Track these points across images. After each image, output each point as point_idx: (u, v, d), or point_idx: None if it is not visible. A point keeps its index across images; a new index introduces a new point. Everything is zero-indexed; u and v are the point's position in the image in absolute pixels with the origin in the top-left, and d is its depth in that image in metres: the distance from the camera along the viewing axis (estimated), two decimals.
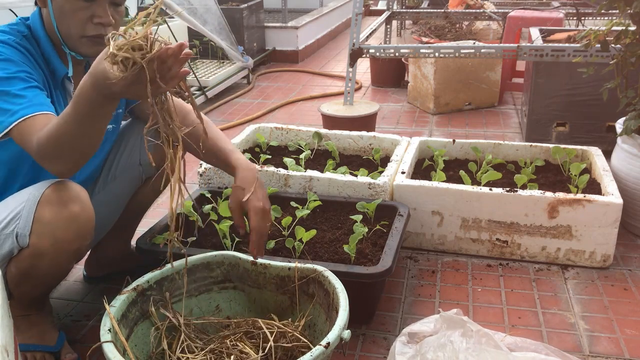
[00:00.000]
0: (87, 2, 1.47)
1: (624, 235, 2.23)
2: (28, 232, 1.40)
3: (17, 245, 1.43)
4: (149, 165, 1.78)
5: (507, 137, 3.37)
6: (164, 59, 1.17)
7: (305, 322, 1.49)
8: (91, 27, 1.50)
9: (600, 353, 1.64)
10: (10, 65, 1.43)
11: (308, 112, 3.98)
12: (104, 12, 1.49)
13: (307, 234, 1.78)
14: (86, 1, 1.47)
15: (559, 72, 2.95)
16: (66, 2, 1.48)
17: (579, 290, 1.93)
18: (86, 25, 1.50)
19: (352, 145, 2.59)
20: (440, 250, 2.18)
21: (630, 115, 2.21)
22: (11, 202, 1.47)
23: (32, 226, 1.40)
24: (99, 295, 1.92)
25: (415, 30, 5.74)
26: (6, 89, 1.39)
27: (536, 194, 2.01)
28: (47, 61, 1.55)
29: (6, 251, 1.44)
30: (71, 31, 1.50)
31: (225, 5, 5.01)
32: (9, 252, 1.44)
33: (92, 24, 1.50)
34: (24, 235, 1.41)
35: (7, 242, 1.43)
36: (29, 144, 1.36)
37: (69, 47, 1.55)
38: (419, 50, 3.27)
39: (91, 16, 1.49)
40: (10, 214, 1.43)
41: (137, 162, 1.78)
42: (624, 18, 2.27)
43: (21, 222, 1.41)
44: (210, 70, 4.50)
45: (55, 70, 1.56)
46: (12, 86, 1.40)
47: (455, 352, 1.34)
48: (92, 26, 1.50)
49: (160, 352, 1.44)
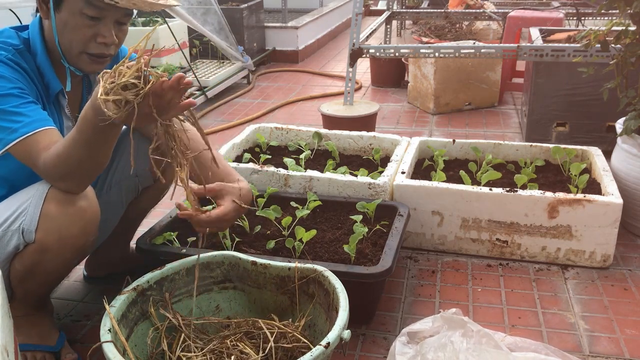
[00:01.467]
0: (93, 20, 1.45)
1: (624, 235, 2.23)
2: (34, 227, 1.41)
3: (22, 241, 1.44)
4: (144, 177, 1.78)
5: (507, 137, 3.37)
6: (160, 93, 1.19)
7: (305, 322, 1.49)
8: (94, 46, 1.49)
9: (600, 353, 1.64)
10: (3, 82, 1.42)
11: (308, 112, 3.98)
12: (108, 32, 1.48)
13: (307, 234, 1.78)
14: (92, 20, 1.45)
15: (559, 72, 2.95)
16: (71, 17, 1.45)
17: (579, 290, 1.93)
18: (89, 43, 1.49)
19: (352, 145, 2.59)
20: (440, 250, 2.18)
21: (630, 115, 2.21)
22: (17, 198, 1.47)
23: (38, 221, 1.41)
24: (99, 295, 1.92)
25: (415, 30, 5.74)
26: (2, 107, 1.40)
27: (536, 194, 2.01)
28: (41, 75, 1.54)
29: (12, 247, 1.45)
30: (72, 46, 1.49)
31: (225, 5, 5.01)
32: (15, 248, 1.45)
33: (95, 42, 1.49)
34: (30, 231, 1.42)
35: (14, 239, 1.44)
36: (34, 162, 1.39)
37: (68, 62, 1.53)
38: (419, 50, 3.27)
39: (95, 34, 1.48)
40: (17, 210, 1.44)
41: (134, 174, 1.76)
42: (624, 18, 2.27)
43: (27, 218, 1.42)
44: (210, 70, 4.50)
45: (49, 85, 1.55)
46: (7, 104, 1.40)
47: (455, 352, 1.34)
48: (95, 45, 1.49)
49: (161, 352, 1.44)
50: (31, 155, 1.39)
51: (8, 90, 1.41)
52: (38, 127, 1.40)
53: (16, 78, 1.45)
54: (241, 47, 4.65)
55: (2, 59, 1.45)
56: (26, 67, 1.50)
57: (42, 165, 1.38)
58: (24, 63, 1.50)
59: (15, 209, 1.44)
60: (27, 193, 1.46)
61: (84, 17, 1.45)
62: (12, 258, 1.48)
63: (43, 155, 1.38)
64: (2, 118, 1.40)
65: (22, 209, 1.43)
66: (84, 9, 1.43)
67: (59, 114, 1.59)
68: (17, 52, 1.50)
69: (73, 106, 1.65)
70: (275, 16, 6.28)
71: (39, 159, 1.38)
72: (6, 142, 1.40)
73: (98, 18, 1.45)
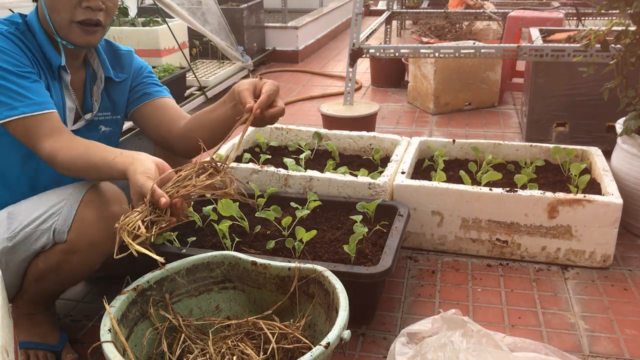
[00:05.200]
0: None
1: (624, 235, 2.23)
2: (67, 228, 1.45)
3: (52, 241, 1.47)
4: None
5: (507, 137, 3.37)
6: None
7: (305, 322, 1.49)
8: (80, 12, 1.50)
9: (600, 353, 1.64)
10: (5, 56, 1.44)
11: (308, 112, 3.98)
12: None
13: (307, 234, 1.78)
14: None
15: (559, 72, 2.95)
16: None
17: (579, 290, 1.93)
18: (75, 10, 1.50)
19: (352, 145, 2.59)
20: (440, 250, 2.18)
21: (630, 115, 2.21)
22: (46, 199, 1.50)
23: (72, 224, 1.45)
24: (99, 295, 1.92)
25: (415, 30, 5.74)
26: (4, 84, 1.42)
27: (536, 194, 2.01)
28: (43, 53, 1.56)
29: (39, 246, 1.47)
30: (61, 17, 1.51)
31: (225, 5, 5.01)
32: (42, 247, 1.48)
33: (81, 8, 1.50)
34: (63, 232, 1.45)
35: (43, 237, 1.46)
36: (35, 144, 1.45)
37: (60, 36, 1.55)
38: (419, 50, 3.27)
39: (80, 1, 1.49)
40: (49, 210, 1.47)
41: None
42: (624, 18, 2.27)
43: (61, 219, 1.45)
44: (210, 70, 4.50)
45: (51, 61, 1.56)
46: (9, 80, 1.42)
47: (455, 352, 1.34)
48: (81, 10, 1.50)
49: (161, 352, 1.44)
50: (31, 136, 1.44)
51: (10, 66, 1.43)
52: (39, 110, 1.44)
53: (17, 54, 1.46)
54: (241, 47, 4.66)
55: (4, 32, 1.48)
56: (29, 44, 1.52)
57: (47, 153, 1.44)
58: (27, 40, 1.52)
59: (47, 209, 1.47)
60: (58, 195, 1.49)
61: None
62: (34, 256, 1.50)
63: (49, 143, 1.43)
64: (3, 93, 1.42)
65: (54, 210, 1.46)
66: None
67: (62, 89, 1.60)
68: (19, 29, 1.53)
69: (77, 94, 1.66)
70: (275, 16, 6.28)
71: (42, 144, 1.44)
72: (3, 116, 1.43)
73: None
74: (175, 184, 1.33)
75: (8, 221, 1.49)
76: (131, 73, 1.76)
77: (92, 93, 1.68)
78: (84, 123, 1.66)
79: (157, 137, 1.78)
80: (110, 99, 1.72)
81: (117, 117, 1.77)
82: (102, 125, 1.72)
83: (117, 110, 1.75)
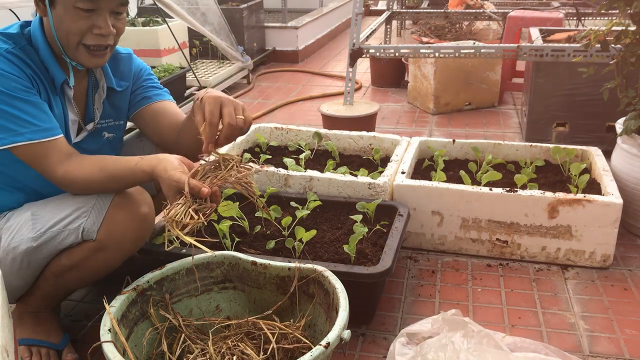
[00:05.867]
0: (87, 12, 1.46)
1: (624, 235, 2.23)
2: (97, 228, 1.46)
3: (80, 239, 1.48)
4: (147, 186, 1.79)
5: (507, 137, 3.37)
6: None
7: (305, 322, 1.49)
8: (90, 37, 1.49)
9: (600, 353, 1.64)
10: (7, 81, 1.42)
11: (308, 112, 3.98)
12: (104, 23, 1.48)
13: (307, 234, 1.78)
14: (86, 11, 1.46)
15: (559, 72, 2.95)
16: (66, 12, 1.46)
17: (579, 290, 1.93)
18: (85, 35, 1.49)
19: (352, 145, 2.59)
20: (440, 250, 2.18)
21: (630, 115, 2.21)
22: (71, 201, 1.51)
23: (101, 224, 1.47)
24: (99, 295, 1.92)
25: (415, 30, 5.74)
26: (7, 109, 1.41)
27: (536, 194, 2.01)
28: (46, 69, 1.54)
29: (67, 244, 1.48)
30: (70, 39, 1.49)
31: (225, 5, 5.01)
32: (69, 245, 1.49)
33: (92, 34, 1.49)
34: (92, 231, 1.46)
35: (71, 237, 1.47)
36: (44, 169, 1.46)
37: (69, 57, 1.54)
38: (419, 50, 3.27)
39: (91, 26, 1.48)
40: (77, 210, 1.48)
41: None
42: (624, 18, 2.27)
43: (89, 220, 1.47)
44: (210, 70, 4.50)
45: (54, 78, 1.55)
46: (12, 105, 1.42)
47: (456, 352, 1.34)
48: (92, 36, 1.49)
49: (161, 352, 1.44)
50: (40, 163, 1.46)
51: (14, 91, 1.42)
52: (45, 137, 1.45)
53: (18, 76, 1.44)
54: (241, 47, 4.65)
55: (2, 52, 1.45)
56: (29, 61, 1.50)
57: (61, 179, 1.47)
58: (26, 57, 1.50)
59: (74, 210, 1.48)
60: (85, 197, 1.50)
61: (78, 11, 1.45)
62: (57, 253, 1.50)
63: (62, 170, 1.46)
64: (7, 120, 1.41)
65: (82, 211, 1.48)
66: (77, 2, 1.44)
67: (64, 105, 1.60)
68: (21, 48, 1.50)
69: (79, 103, 1.65)
70: (275, 16, 6.28)
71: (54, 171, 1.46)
72: (9, 141, 1.42)
73: (92, 10, 1.46)
74: (202, 177, 1.39)
75: (32, 221, 1.49)
76: (131, 77, 1.76)
77: (94, 101, 1.67)
78: (86, 134, 1.66)
79: (157, 139, 1.79)
80: (113, 106, 1.73)
81: (120, 123, 1.77)
82: (106, 132, 1.72)
83: (120, 115, 1.76)
